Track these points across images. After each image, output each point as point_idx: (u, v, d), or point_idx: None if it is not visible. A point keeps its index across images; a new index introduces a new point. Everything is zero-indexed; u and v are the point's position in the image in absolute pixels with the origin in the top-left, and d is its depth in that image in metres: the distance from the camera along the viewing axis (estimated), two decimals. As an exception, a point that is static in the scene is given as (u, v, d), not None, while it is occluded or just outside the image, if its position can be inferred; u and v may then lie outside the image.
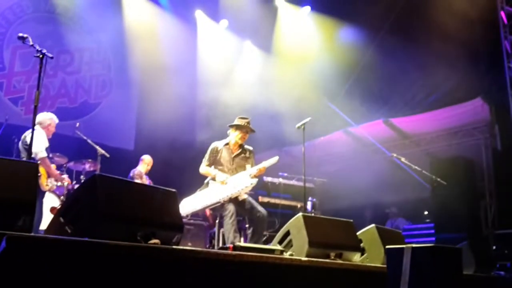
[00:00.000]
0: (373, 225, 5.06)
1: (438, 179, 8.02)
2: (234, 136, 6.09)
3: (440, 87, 9.43)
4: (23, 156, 6.53)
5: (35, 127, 6.68)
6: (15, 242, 2.28)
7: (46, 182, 6.65)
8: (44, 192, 6.70)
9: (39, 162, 6.48)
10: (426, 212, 10.88)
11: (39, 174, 6.51)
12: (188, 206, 5.88)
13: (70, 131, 7.68)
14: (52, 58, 4.94)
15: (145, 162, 8.78)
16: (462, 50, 8.88)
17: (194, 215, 8.04)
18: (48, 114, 6.99)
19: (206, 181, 6.05)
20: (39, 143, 6.52)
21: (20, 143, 6.77)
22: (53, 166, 6.88)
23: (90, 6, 10.56)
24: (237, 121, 6.11)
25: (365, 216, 10.77)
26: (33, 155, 6.43)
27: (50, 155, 6.92)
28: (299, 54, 11.30)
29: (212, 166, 6.06)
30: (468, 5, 8.37)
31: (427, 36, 9.13)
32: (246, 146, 6.21)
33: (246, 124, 6.06)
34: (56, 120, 7.00)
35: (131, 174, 8.53)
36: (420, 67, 9.54)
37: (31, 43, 4.90)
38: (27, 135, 6.56)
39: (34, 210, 3.05)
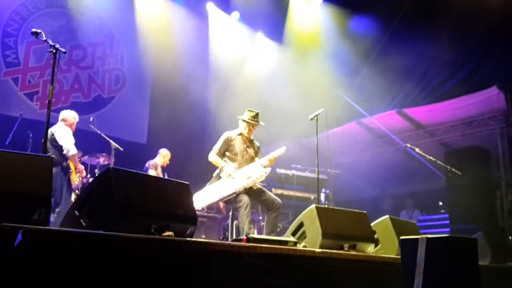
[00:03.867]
0: (387, 216, 5.05)
1: (453, 169, 7.95)
2: (242, 128, 6.15)
3: (454, 76, 9.33)
4: (51, 153, 6.43)
5: (60, 124, 6.77)
6: (30, 235, 2.32)
7: (75, 178, 6.71)
8: (73, 188, 6.77)
9: (69, 158, 6.56)
10: (440, 203, 10.80)
11: (70, 170, 6.60)
12: (202, 199, 5.88)
13: (84, 125, 7.72)
14: (65, 53, 4.96)
15: (162, 155, 8.86)
16: (477, 38, 8.77)
17: (208, 207, 8.07)
18: (72, 112, 7.05)
19: (215, 174, 6.06)
20: (70, 140, 6.62)
21: (47, 140, 6.59)
22: None
23: (101, 1, 10.59)
24: (245, 114, 6.13)
25: (379, 207, 10.71)
26: (64, 152, 6.51)
27: None
28: (311, 45, 11.25)
29: (226, 157, 6.08)
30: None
31: (441, 26, 9.02)
32: (254, 141, 6.28)
33: (252, 118, 6.08)
34: (77, 119, 7.08)
35: (146, 165, 8.61)
36: (434, 57, 9.44)
37: (44, 38, 4.90)
38: (54, 132, 6.59)
39: (50, 204, 3.08)
